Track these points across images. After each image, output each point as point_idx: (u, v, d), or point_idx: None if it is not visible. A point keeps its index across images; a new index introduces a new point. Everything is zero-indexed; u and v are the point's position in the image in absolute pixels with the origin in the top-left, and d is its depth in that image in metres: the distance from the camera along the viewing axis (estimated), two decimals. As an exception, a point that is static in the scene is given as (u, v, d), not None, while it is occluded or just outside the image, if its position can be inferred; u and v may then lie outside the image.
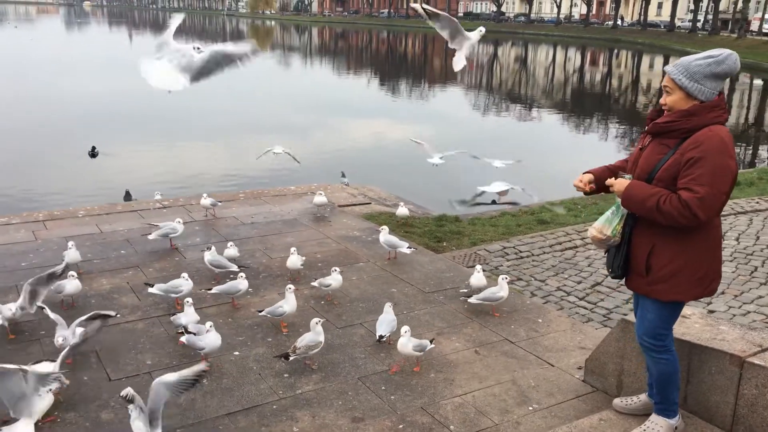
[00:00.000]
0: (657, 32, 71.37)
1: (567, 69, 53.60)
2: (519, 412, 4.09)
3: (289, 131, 20.08)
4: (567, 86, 40.79)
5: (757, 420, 3.45)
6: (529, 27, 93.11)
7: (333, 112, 25.15)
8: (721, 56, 3.06)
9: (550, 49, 71.74)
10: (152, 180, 13.34)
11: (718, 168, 3.04)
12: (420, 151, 11.58)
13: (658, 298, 3.31)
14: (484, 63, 58.72)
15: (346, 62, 56.28)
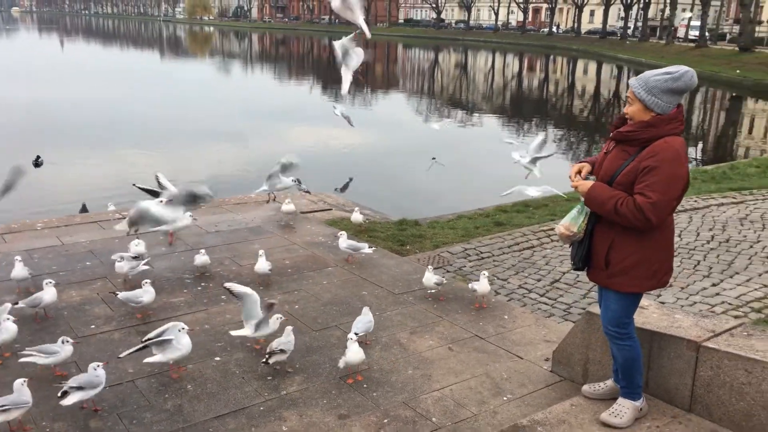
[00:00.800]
0: (590, 39, 73.78)
1: (506, 74, 54.86)
2: (495, 403, 4.34)
3: (232, 138, 20.01)
4: (506, 91, 41.75)
5: (713, 399, 3.79)
6: (469, 33, 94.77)
7: (277, 119, 25.09)
8: (677, 73, 3.38)
9: (489, 55, 73.20)
10: (100, 189, 13.19)
11: (671, 177, 3.35)
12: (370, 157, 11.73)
13: (617, 290, 3.61)
14: (425, 69, 59.55)
15: (287, 69, 56.12)
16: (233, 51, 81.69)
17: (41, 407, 4.11)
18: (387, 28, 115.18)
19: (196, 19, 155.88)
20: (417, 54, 79.36)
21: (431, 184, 14.63)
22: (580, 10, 78.04)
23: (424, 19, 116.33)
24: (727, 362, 3.70)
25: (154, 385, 4.48)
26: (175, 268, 6.58)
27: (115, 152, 17.64)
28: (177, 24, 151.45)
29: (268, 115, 25.88)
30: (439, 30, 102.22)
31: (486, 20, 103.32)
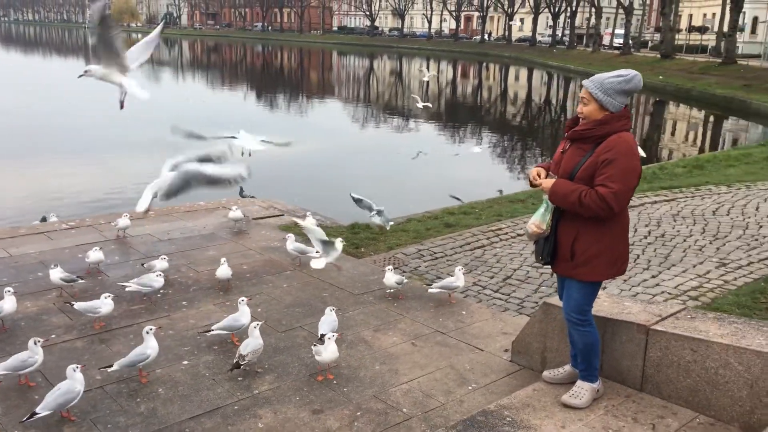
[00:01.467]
0: (521, 47, 75.90)
1: (440, 81, 55.75)
2: (460, 392, 4.55)
3: (165, 148, 19.64)
4: (441, 98, 42.45)
5: (662, 377, 4.11)
6: (403, 41, 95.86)
7: (211, 127, 24.71)
8: (628, 76, 3.68)
9: (424, 62, 74.19)
10: (36, 200, 12.87)
11: (628, 168, 3.65)
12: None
13: (582, 279, 3.88)
14: (361, 76, 59.94)
15: (220, 76, 55.42)
16: (163, 59, 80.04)
17: (10, 416, 4.07)
18: (321, 35, 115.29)
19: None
20: (352, 61, 79.74)
21: (370, 189, 14.85)
22: (510, 19, 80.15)
23: (358, 26, 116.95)
24: (674, 343, 4.02)
25: (123, 390, 4.49)
26: (130, 276, 6.53)
27: (37, 163, 17.02)
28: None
29: (198, 123, 25.41)
30: (374, 37, 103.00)
31: (419, 28, 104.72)
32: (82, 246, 7.35)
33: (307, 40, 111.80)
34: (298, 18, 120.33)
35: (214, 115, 28.52)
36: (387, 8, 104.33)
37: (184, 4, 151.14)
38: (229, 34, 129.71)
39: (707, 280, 6.38)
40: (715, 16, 56.12)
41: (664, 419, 3.90)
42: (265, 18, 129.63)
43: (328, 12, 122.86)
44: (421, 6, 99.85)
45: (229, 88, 45.55)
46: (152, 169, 10.60)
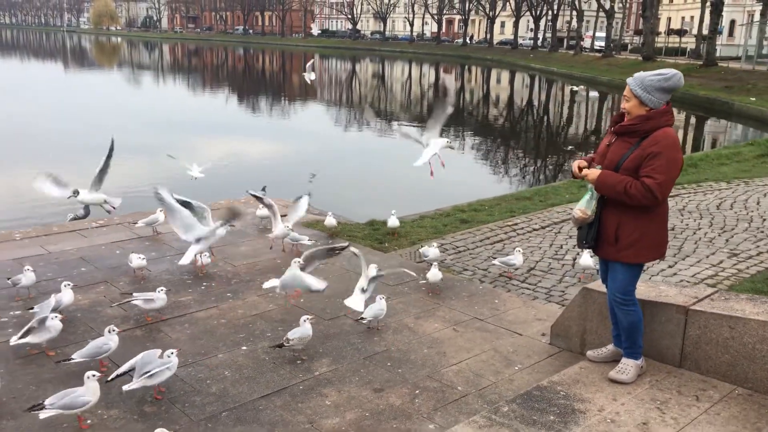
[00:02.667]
0: (503, 49, 76.66)
1: (423, 84, 56.16)
2: (508, 372, 4.86)
3: (148, 150, 19.64)
4: (424, 100, 42.79)
5: (701, 354, 4.44)
6: (385, 44, 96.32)
7: (191, 131, 24.62)
8: (668, 74, 4.01)
9: (406, 65, 74.66)
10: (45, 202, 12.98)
11: (672, 160, 3.98)
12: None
13: (626, 262, 4.21)
14: (343, 79, 60.19)
15: (201, 80, 55.32)
16: (143, 62, 79.68)
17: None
18: (302, 39, 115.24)
19: (103, 30, 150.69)
20: (334, 64, 79.94)
21: (370, 190, 15.23)
22: (492, 22, 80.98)
23: (340, 30, 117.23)
24: (713, 321, 4.35)
25: (192, 373, 4.73)
26: (172, 270, 6.77)
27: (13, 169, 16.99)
28: (82, 35, 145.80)
29: (180, 127, 25.27)
30: (356, 41, 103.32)
31: (401, 31, 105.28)
32: (117, 243, 7.56)
33: (289, 44, 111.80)
34: (280, 21, 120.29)
35: (195, 119, 28.67)
36: (369, 12, 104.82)
37: (164, 7, 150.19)
38: (210, 37, 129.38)
39: (721, 269, 6.75)
40: (693, 19, 57.36)
41: (705, 391, 4.23)
42: (246, 21, 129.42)
43: (309, 15, 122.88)
44: (403, 9, 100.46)
45: (210, 91, 45.47)
46: (132, 172, 10.75)
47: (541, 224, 8.70)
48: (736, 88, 31.20)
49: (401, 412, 4.31)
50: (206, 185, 14.54)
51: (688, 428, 3.83)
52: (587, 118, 34.30)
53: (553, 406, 4.05)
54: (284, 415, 4.25)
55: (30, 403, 4.16)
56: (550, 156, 23.24)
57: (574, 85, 43.86)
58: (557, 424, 3.86)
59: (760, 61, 37.02)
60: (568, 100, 43.59)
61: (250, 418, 4.20)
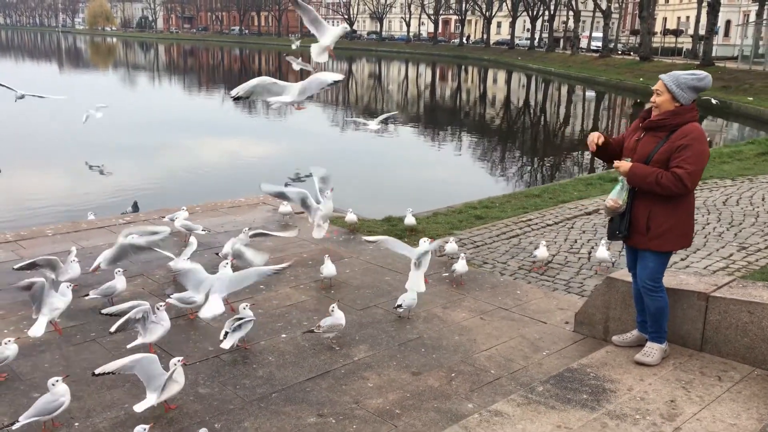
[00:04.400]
0: (500, 49, 77.01)
1: (419, 84, 56.41)
2: (537, 357, 5.12)
3: (143, 151, 19.85)
4: (420, 100, 43.02)
5: (721, 338, 4.72)
6: (382, 44, 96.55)
7: (187, 131, 24.76)
8: (701, 75, 4.29)
9: (403, 65, 74.92)
10: (64, 201, 13.21)
11: (701, 152, 4.26)
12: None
13: (657, 250, 4.47)
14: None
15: (197, 80, 55.45)
16: (139, 62, 79.78)
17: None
18: (299, 39, 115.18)
19: (98, 30, 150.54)
20: (331, 65, 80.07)
21: (375, 189, 15.51)
22: (489, 22, 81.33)
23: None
24: (733, 307, 4.63)
25: (237, 359, 4.98)
26: (204, 265, 7.00)
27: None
28: (77, 35, 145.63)
29: (176, 128, 25.37)
30: (352, 41, 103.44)
31: (398, 31, 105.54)
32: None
33: (285, 44, 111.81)
34: (276, 22, 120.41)
35: (191, 119, 28.87)
36: (365, 12, 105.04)
37: (159, 8, 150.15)
38: (206, 37, 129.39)
39: (732, 261, 7.04)
40: (689, 20, 57.81)
41: (727, 372, 4.51)
42: (242, 22, 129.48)
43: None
44: (399, 10, 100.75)
45: (206, 91, 45.58)
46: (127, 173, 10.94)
47: (555, 220, 8.98)
48: (734, 87, 31.58)
49: (440, 393, 4.57)
50: (208, 186, 14.89)
51: (713, 405, 4.10)
52: (584, 117, 34.66)
53: (585, 386, 4.32)
54: (330, 396, 4.50)
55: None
56: (550, 155, 23.54)
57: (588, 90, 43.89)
58: (591, 402, 4.12)
59: (756, 61, 37.42)
60: (565, 100, 43.99)
61: (299, 399, 4.46)
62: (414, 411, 4.34)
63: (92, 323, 5.55)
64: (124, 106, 32.60)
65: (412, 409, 4.36)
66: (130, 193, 13.33)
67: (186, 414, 4.28)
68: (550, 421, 3.89)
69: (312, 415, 4.29)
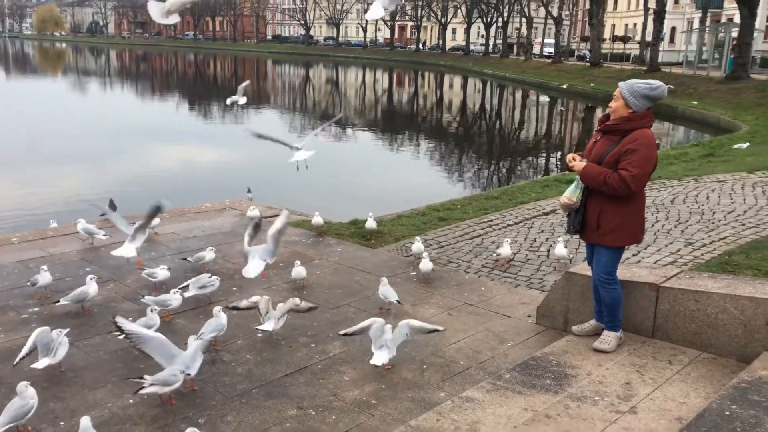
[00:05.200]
0: (456, 55, 78.11)
1: (377, 89, 56.86)
2: (503, 348, 5.43)
3: (91, 160, 19.70)
4: (378, 105, 43.44)
5: (671, 325, 5.09)
6: (338, 50, 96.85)
7: (140, 138, 24.59)
8: (655, 85, 4.63)
9: (360, 71, 75.32)
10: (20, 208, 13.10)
11: (647, 157, 4.61)
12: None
13: (607, 245, 4.82)
14: (297, 85, 60.42)
15: (150, 86, 54.78)
16: (90, 68, 78.31)
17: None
18: (255, 44, 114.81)
19: (47, 35, 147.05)
20: (288, 70, 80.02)
21: (337, 193, 15.74)
22: (444, 28, 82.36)
23: (293, 35, 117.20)
24: (681, 296, 5.00)
25: (216, 358, 5.15)
26: (174, 269, 7.12)
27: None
28: (25, 40, 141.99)
29: (128, 134, 25.06)
30: (309, 46, 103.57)
31: (354, 37, 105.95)
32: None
33: (241, 49, 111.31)
34: (231, 27, 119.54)
35: (145, 124, 28.64)
36: (321, 18, 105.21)
37: (110, 12, 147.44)
38: (159, 43, 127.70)
39: (680, 256, 7.48)
40: (636, 26, 59.55)
41: (676, 356, 4.87)
42: (196, 27, 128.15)
43: (261, 21, 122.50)
44: (356, 16, 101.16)
45: (160, 97, 45.10)
46: (74, 182, 10.71)
47: (514, 220, 9.35)
48: (679, 92, 32.73)
49: (414, 383, 4.83)
50: (166, 192, 14.90)
51: (664, 386, 4.45)
52: (538, 121, 35.51)
53: (548, 372, 4.63)
54: (309, 389, 4.72)
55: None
56: (507, 158, 24.12)
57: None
58: (554, 386, 4.43)
59: (700, 66, 38.89)
60: (520, 105, 44.91)
61: (279, 393, 4.66)
62: (390, 401, 4.58)
63: (67, 327, 5.62)
64: (75, 112, 32.18)
65: (387, 399, 4.61)
66: (87, 201, 13.27)
67: (169, 411, 4.43)
68: (517, 405, 4.19)
69: (292, 408, 4.49)
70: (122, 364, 5.02)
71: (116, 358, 5.13)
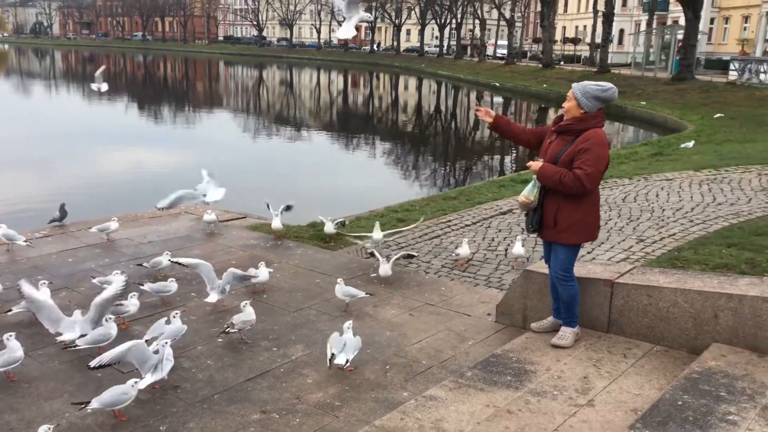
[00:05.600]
0: (410, 56, 78.54)
1: (332, 90, 56.78)
2: (464, 346, 5.50)
3: (43, 163, 19.20)
4: (333, 107, 43.40)
5: (625, 320, 5.24)
6: (292, 51, 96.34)
7: (86, 141, 24.12)
8: (605, 87, 4.76)
9: (314, 72, 75.09)
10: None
11: (599, 156, 4.74)
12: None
13: (564, 243, 4.94)
14: (250, 87, 59.91)
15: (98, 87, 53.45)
16: (33, 70, 76.15)
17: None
18: (206, 45, 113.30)
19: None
20: (240, 71, 79.25)
21: (295, 196, 15.64)
22: (398, 30, 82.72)
23: (245, 36, 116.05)
24: (634, 291, 5.16)
25: (175, 365, 5.06)
26: (130, 275, 6.99)
27: None
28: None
29: (75, 138, 24.58)
30: (262, 47, 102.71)
31: (308, 38, 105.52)
32: (67, 251, 7.71)
33: (192, 50, 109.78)
34: (182, 27, 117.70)
35: (91, 128, 28.05)
36: (274, 18, 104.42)
37: (55, 13, 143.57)
38: (106, 44, 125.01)
39: (632, 253, 7.70)
40: (586, 28, 60.86)
41: (631, 350, 5.02)
42: (145, 27, 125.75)
43: (213, 21, 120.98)
44: (309, 17, 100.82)
45: (108, 99, 44.12)
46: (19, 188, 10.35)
47: (472, 220, 9.47)
48: (628, 92, 33.59)
49: (377, 384, 4.86)
50: (116, 196, 14.62)
51: (620, 379, 4.59)
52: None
53: (509, 368, 4.72)
54: (272, 393, 4.70)
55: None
56: (463, 159, 24.39)
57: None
58: (515, 382, 4.52)
59: (647, 67, 39.99)
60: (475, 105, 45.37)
61: (242, 398, 4.63)
62: (353, 402, 4.60)
63: (20, 337, 5.47)
64: (17, 116, 31.22)
65: (351, 400, 4.62)
66: (33, 206, 12.93)
67: (129, 419, 4.36)
68: (479, 402, 4.25)
69: (255, 412, 4.47)
70: (79, 374, 4.91)
71: (72, 368, 5.02)
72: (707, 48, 49.72)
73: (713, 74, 37.16)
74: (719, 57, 44.08)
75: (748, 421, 3.70)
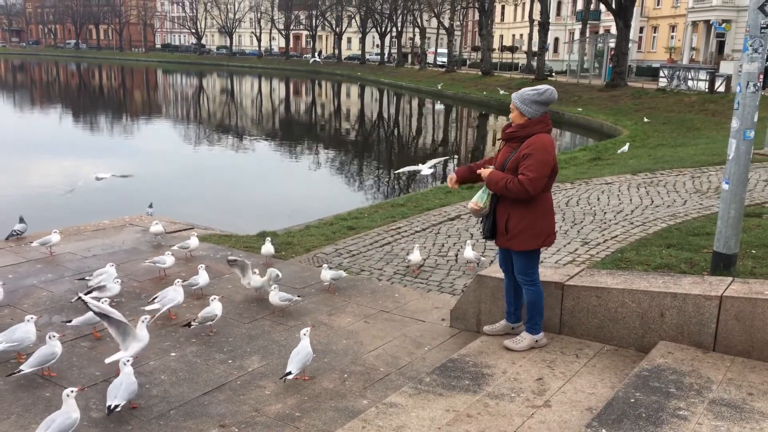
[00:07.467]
0: (352, 64, 78.74)
1: (274, 99, 56.40)
2: (420, 352, 5.55)
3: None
4: (275, 115, 43.13)
5: (575, 321, 5.39)
6: (233, 59, 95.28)
7: (33, 152, 23.55)
8: (541, 90, 4.89)
9: (255, 81, 74.45)
10: None
11: (542, 161, 4.84)
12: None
13: (515, 249, 5.05)
14: (189, 95, 58.96)
15: (30, 97, 51.76)
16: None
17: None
18: (144, 53, 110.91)
19: None
20: (180, 80, 77.87)
21: (241, 205, 15.52)
22: (339, 38, 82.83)
23: (184, 44, 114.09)
24: (584, 293, 5.31)
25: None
26: (75, 290, 6.78)
27: None
28: None
29: (7, 149, 23.85)
30: (201, 55, 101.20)
31: (248, 46, 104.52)
32: (7, 267, 7.42)
33: (129, 58, 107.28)
34: (117, 35, 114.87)
35: (30, 138, 27.16)
36: (213, 26, 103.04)
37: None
38: (38, 52, 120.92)
39: (578, 255, 7.91)
40: (523, 37, 62.41)
41: (582, 350, 5.17)
42: (78, 35, 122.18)
43: (150, 29, 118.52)
44: (249, 25, 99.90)
45: (41, 109, 42.67)
46: None
47: (422, 226, 9.56)
48: (565, 99, 34.58)
49: (336, 393, 4.85)
50: (65, 208, 14.16)
51: (574, 379, 4.71)
52: (435, 129, 36.38)
53: (466, 372, 4.79)
54: (230, 406, 4.63)
55: None
56: (406, 165, 24.49)
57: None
58: (473, 386, 4.59)
59: (582, 75, 41.23)
60: (417, 112, 45.89)
61: (199, 413, 4.55)
62: (313, 412, 4.58)
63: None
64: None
65: (311, 410, 4.60)
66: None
67: (82, 440, 4.23)
68: (439, 407, 4.30)
69: (214, 426, 4.40)
70: (26, 394, 4.73)
71: (18, 388, 4.83)
72: (638, 56, 51.69)
73: (644, 81, 38.59)
74: (649, 64, 45.87)
75: (698, 415, 3.86)
